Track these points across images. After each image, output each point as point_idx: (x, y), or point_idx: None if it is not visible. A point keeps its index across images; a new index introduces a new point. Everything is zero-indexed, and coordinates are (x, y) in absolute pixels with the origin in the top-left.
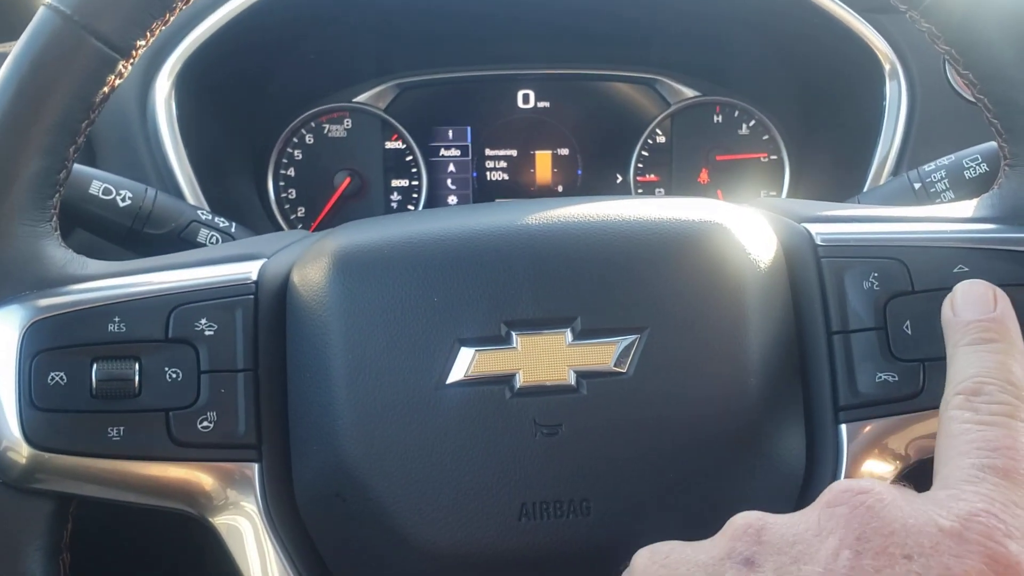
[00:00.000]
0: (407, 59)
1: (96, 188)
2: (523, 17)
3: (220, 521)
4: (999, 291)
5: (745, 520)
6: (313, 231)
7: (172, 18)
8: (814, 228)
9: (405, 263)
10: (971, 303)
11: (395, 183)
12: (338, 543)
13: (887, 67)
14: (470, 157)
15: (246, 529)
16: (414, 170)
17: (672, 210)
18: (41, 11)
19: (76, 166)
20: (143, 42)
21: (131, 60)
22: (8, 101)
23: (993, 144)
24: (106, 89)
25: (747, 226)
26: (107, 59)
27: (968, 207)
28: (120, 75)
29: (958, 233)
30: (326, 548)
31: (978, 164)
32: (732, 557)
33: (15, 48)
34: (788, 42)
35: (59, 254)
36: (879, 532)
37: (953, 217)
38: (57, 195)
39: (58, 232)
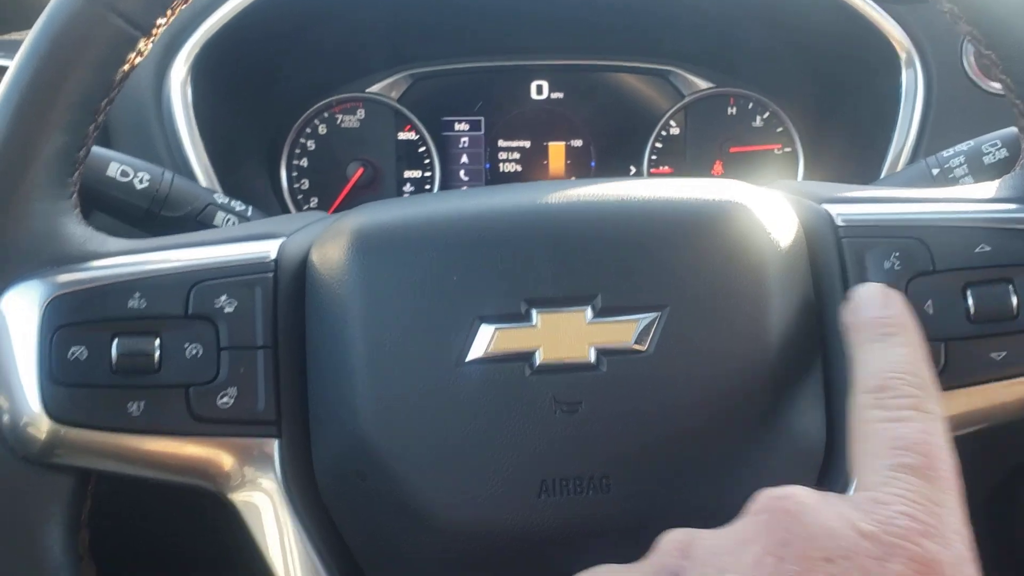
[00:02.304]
0: (421, 49)
1: (114, 170)
2: (537, 8)
3: (239, 498)
4: (894, 291)
5: (673, 537)
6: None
7: None
8: (834, 209)
9: (425, 242)
10: (869, 303)
11: (408, 174)
12: (357, 520)
13: (903, 56)
14: (483, 148)
15: (265, 506)
16: (427, 161)
17: (693, 190)
18: None
19: (94, 148)
20: (163, 20)
21: (151, 38)
22: (29, 78)
23: (1013, 129)
24: (126, 67)
25: (768, 206)
26: (128, 36)
27: (990, 187)
28: (140, 53)
29: (980, 213)
30: (345, 525)
31: (998, 149)
32: (660, 573)
33: (36, 25)
34: (802, 32)
35: (79, 231)
36: (799, 536)
37: (975, 197)
38: (77, 172)
39: (78, 209)
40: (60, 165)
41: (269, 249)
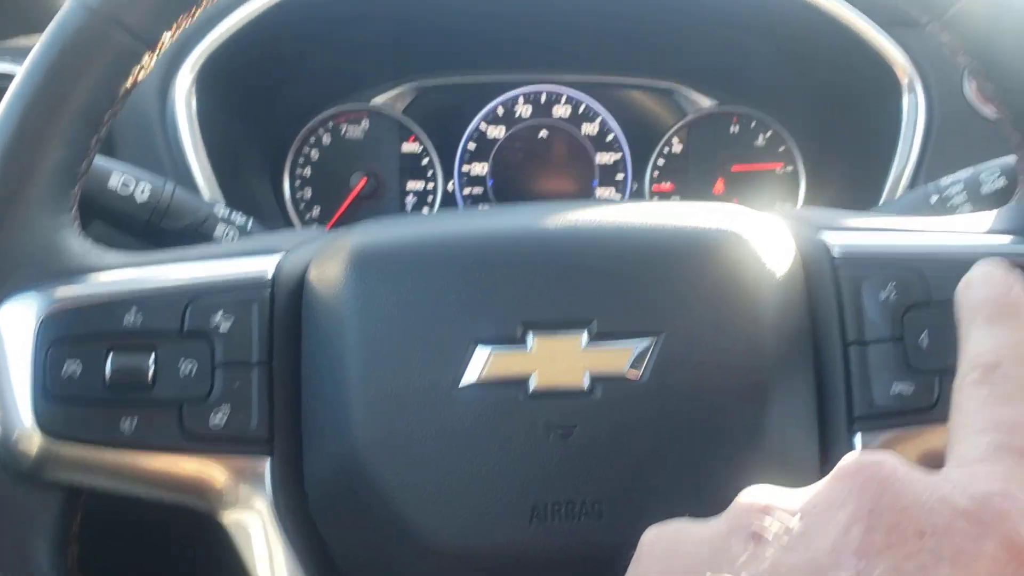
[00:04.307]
0: (426, 63)
1: (115, 181)
2: (543, 25)
3: (230, 516)
4: (1017, 274)
5: (752, 494)
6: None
7: (198, 12)
8: (831, 237)
9: (422, 262)
10: (988, 282)
11: (411, 185)
12: (348, 541)
13: (904, 80)
14: (486, 161)
15: (255, 526)
16: (430, 173)
17: (690, 216)
18: (68, 2)
19: (96, 158)
20: (169, 34)
21: (156, 52)
22: (33, 90)
23: (1011, 158)
24: (131, 81)
25: (765, 234)
26: (133, 50)
27: (986, 219)
28: (145, 67)
29: (976, 244)
30: (336, 545)
31: (996, 177)
32: (738, 532)
33: (42, 38)
34: (805, 54)
35: (78, 244)
36: (891, 508)
37: (971, 229)
38: (78, 186)
39: (78, 222)
40: (61, 178)
41: (267, 266)
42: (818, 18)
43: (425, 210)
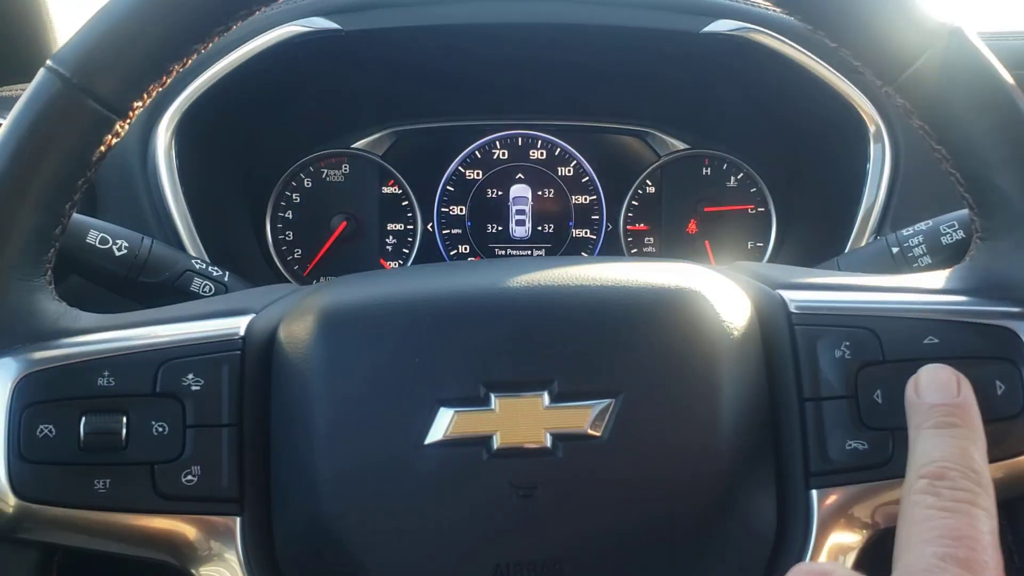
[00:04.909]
0: (405, 109)
1: (93, 238)
2: (518, 72)
3: (203, 572)
4: (962, 377)
5: None
6: (307, 274)
7: (169, 80)
8: (788, 295)
9: (387, 323)
10: (935, 386)
11: (391, 226)
12: None
13: (872, 128)
14: (464, 204)
15: None
16: (409, 214)
17: (649, 274)
18: (41, 73)
19: (74, 216)
20: (140, 103)
21: (128, 120)
22: (7, 159)
23: None
24: (103, 148)
25: (722, 292)
26: (104, 120)
27: (940, 278)
28: (117, 135)
29: (929, 304)
30: None
31: (955, 231)
32: None
33: (16, 107)
34: (775, 101)
35: (52, 308)
36: None
37: (925, 288)
38: (53, 250)
39: (52, 286)
40: (36, 244)
41: (238, 326)
42: (787, 67)
43: (405, 251)
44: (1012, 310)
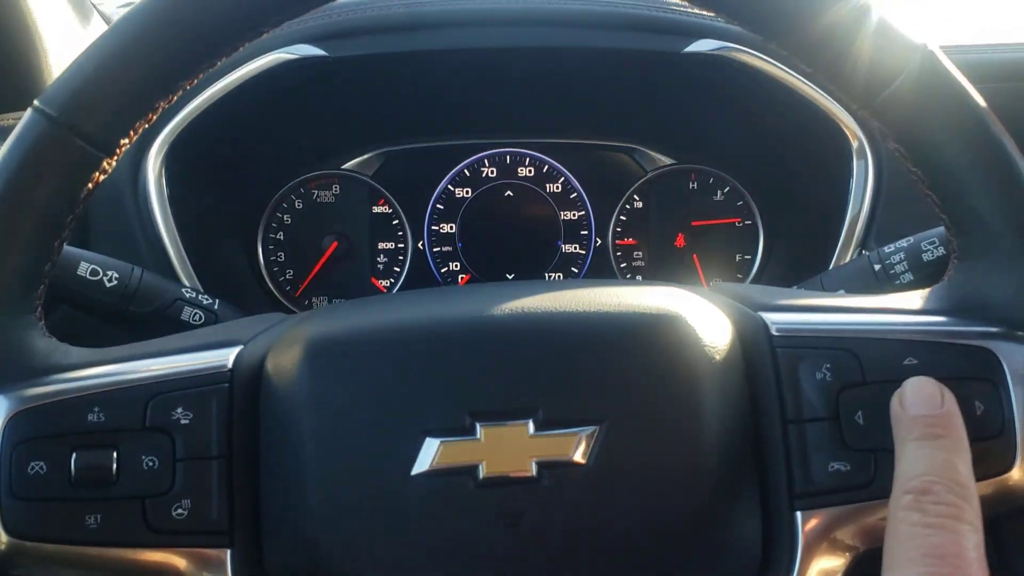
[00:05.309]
0: (394, 130)
1: (83, 269)
2: (506, 92)
3: None
4: (946, 389)
5: None
6: (299, 294)
7: (155, 117)
8: (769, 317)
9: (373, 354)
10: (919, 399)
11: (382, 246)
12: None
13: (855, 144)
14: (454, 221)
15: None
16: (400, 234)
17: (630, 298)
18: (28, 112)
19: (65, 247)
20: (126, 140)
21: (115, 157)
22: None
23: None
24: (91, 185)
25: (703, 315)
26: (91, 158)
27: (918, 298)
28: (105, 171)
29: (908, 325)
30: None
31: (936, 248)
32: None
33: (3, 148)
34: (759, 118)
35: (42, 344)
36: None
37: (904, 308)
38: (42, 286)
39: (42, 322)
40: (25, 281)
41: (226, 358)
42: (769, 85)
43: (396, 269)
44: (990, 330)
